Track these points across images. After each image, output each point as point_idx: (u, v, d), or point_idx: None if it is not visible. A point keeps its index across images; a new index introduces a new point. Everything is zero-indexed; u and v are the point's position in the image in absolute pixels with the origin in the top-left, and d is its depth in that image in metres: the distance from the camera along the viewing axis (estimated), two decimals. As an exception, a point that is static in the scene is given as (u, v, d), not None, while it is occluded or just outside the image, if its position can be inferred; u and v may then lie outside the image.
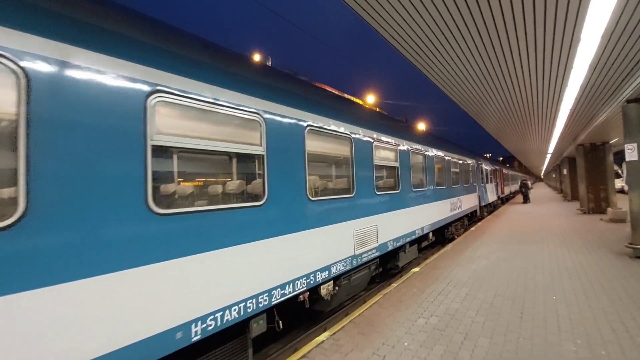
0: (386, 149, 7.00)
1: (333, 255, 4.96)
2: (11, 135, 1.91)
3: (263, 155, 3.76)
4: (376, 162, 6.42)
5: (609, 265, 6.48)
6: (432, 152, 9.70)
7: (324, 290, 4.87)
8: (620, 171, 31.27)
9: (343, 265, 5.22)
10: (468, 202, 14.16)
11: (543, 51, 5.99)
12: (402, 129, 8.01)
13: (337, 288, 5.13)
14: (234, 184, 3.90)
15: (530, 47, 5.80)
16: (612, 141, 15.55)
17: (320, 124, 4.77)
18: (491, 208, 21.48)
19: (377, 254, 6.29)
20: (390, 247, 6.74)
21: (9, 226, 1.85)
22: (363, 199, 5.91)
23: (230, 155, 4.00)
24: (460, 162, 13.13)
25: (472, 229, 13.05)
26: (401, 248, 7.74)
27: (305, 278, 4.32)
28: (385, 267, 7.91)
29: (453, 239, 12.08)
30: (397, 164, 7.41)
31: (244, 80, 3.52)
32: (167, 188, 3.24)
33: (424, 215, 8.89)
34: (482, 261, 7.33)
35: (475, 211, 15.83)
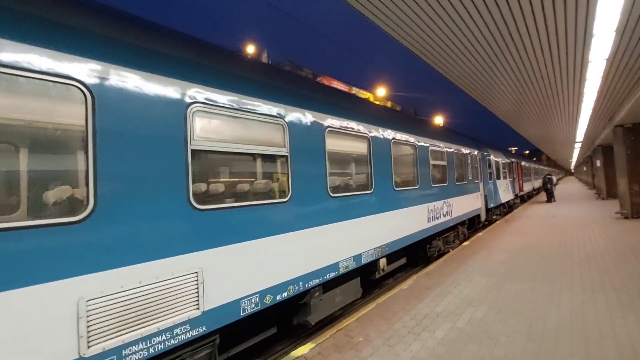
0: (250, 121, 3.78)
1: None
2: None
3: None
4: (200, 144, 3.24)
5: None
6: (386, 135, 6.37)
7: None
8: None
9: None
10: (465, 206, 10.64)
11: None
12: (299, 88, 4.76)
13: None
14: None
15: None
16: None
17: None
18: (505, 209, 17.63)
19: (200, 331, 3.08)
20: (248, 310, 3.55)
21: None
22: (139, 226, 2.74)
23: None
24: (451, 151, 9.63)
25: (466, 243, 9.50)
26: (305, 296, 4.57)
27: None
28: (291, 323, 4.79)
29: (443, 254, 8.82)
30: (285, 152, 4.19)
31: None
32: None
33: (363, 234, 5.63)
34: (437, 331, 3.89)
35: (478, 216, 12.20)
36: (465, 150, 11.05)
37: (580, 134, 17.24)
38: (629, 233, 8.97)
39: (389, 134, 6.45)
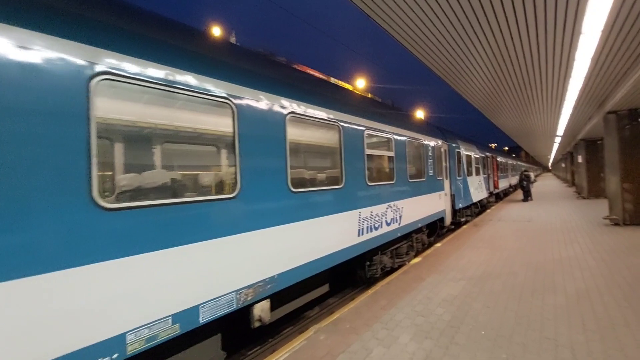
0: None
1: None
2: None
3: None
4: None
5: None
6: (275, 106, 3.90)
7: None
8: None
9: None
10: (422, 209, 8.39)
11: None
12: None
13: None
14: None
15: None
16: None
17: None
18: (478, 209, 15.61)
19: None
20: None
21: None
22: None
23: None
24: (402, 140, 7.32)
25: (416, 260, 7.18)
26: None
27: None
28: None
29: (393, 270, 6.82)
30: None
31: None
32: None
33: (207, 269, 3.09)
34: None
35: (442, 219, 9.95)
36: (425, 140, 8.73)
37: (562, 125, 15.27)
38: (628, 250, 6.81)
39: (282, 104, 3.98)
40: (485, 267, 6.06)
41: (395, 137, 6.91)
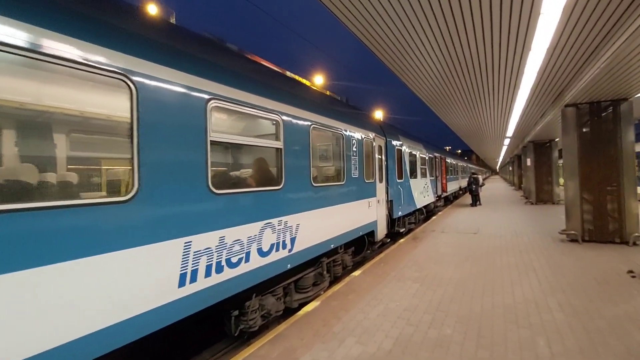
0: None
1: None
2: None
3: None
4: None
5: None
6: None
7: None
8: None
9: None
10: (339, 223, 6.12)
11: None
12: None
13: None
14: None
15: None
16: None
17: None
18: (423, 215, 13.87)
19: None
20: None
21: None
22: None
23: None
24: (303, 125, 4.89)
25: (312, 307, 4.86)
26: None
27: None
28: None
29: (293, 311, 4.36)
30: None
31: None
32: None
33: None
34: None
35: (372, 233, 7.78)
36: (348, 130, 6.44)
37: (513, 124, 13.96)
38: (600, 286, 4.94)
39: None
40: (404, 325, 3.83)
41: (287, 119, 4.48)
